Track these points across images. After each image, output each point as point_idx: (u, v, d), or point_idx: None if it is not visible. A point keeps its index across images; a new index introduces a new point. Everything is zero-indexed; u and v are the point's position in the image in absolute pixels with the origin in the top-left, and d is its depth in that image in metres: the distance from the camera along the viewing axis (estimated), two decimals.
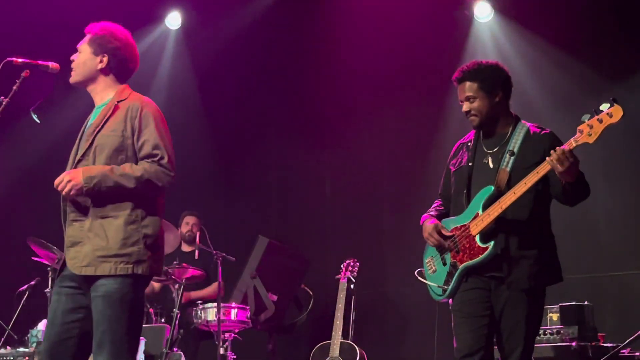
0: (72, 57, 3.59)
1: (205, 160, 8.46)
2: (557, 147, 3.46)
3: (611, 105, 3.39)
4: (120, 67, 3.56)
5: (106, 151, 3.37)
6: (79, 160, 3.40)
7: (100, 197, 3.31)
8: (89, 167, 3.33)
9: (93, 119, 3.51)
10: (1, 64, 3.50)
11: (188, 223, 7.14)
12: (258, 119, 8.43)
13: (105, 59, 3.53)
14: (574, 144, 3.44)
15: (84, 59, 3.55)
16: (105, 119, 3.42)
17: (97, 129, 3.41)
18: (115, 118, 3.42)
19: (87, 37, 3.58)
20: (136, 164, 3.37)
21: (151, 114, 3.43)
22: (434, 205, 4.04)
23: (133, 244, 3.31)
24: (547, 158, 3.47)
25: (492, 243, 3.61)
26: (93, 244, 3.29)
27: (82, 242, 3.31)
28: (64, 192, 3.29)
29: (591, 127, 3.40)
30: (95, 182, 3.26)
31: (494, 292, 3.67)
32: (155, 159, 3.36)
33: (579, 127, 3.44)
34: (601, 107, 3.41)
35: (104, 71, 3.54)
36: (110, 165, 3.33)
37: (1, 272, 7.33)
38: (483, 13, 7.38)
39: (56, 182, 3.30)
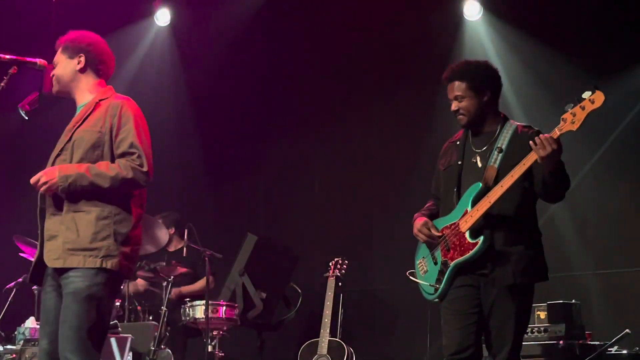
0: (52, 73, 3.64)
1: (193, 157, 8.44)
2: (541, 134, 3.49)
3: (593, 92, 3.43)
4: (98, 63, 3.64)
5: (83, 146, 3.44)
6: (57, 155, 3.47)
7: (74, 193, 3.37)
8: (66, 165, 3.40)
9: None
10: None
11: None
12: (246, 116, 8.41)
13: (83, 58, 3.61)
14: (558, 133, 3.48)
15: (62, 65, 3.61)
16: (85, 116, 3.50)
17: (77, 125, 3.48)
18: (95, 115, 3.49)
19: (59, 49, 3.65)
20: (112, 160, 3.43)
21: (131, 112, 3.50)
22: (426, 205, 4.05)
23: (103, 239, 3.35)
24: (530, 142, 3.48)
25: (481, 238, 3.62)
26: (64, 236, 3.35)
27: (57, 236, 3.38)
28: (40, 190, 3.36)
29: (574, 114, 3.45)
30: (71, 181, 3.33)
31: (483, 289, 3.68)
32: (132, 157, 3.42)
33: (562, 116, 3.49)
34: (583, 95, 3.46)
35: (83, 70, 3.61)
36: (87, 164, 3.38)
37: None
38: (472, 12, 7.38)
39: (32, 180, 3.36)
